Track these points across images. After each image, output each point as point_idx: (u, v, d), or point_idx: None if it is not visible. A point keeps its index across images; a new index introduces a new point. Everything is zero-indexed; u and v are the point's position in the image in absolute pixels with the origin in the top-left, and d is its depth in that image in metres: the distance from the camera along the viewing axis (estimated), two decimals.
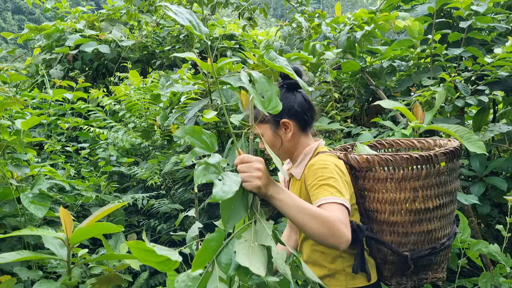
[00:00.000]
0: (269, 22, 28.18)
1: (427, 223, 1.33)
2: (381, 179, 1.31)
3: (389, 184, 1.30)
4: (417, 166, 1.28)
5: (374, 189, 1.33)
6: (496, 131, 2.43)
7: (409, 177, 1.29)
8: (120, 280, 1.55)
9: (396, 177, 1.29)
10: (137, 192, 2.94)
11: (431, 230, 1.35)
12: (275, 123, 1.35)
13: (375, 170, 1.31)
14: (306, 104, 1.38)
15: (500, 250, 1.86)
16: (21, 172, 2.10)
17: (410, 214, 1.31)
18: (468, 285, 2.14)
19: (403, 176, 1.28)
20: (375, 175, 1.31)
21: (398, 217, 1.32)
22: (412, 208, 1.31)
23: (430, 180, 1.30)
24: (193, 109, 2.65)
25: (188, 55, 2.59)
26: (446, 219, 1.38)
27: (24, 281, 1.77)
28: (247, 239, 0.92)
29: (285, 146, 1.38)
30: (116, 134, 2.99)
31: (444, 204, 1.35)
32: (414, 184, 1.29)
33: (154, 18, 4.77)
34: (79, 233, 1.39)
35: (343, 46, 2.74)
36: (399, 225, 1.33)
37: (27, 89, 4.34)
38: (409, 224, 1.32)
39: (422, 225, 1.33)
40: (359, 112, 3.12)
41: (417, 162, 1.27)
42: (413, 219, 1.32)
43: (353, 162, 1.34)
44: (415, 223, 1.32)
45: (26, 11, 50.96)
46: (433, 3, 2.67)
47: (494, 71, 2.40)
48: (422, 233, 1.34)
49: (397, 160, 1.27)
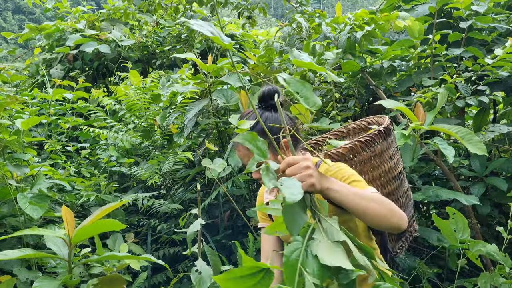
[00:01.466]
0: (269, 22, 28.16)
1: (404, 182, 1.56)
2: (366, 159, 1.45)
3: (374, 161, 1.46)
4: (385, 138, 1.48)
5: (362, 171, 1.45)
6: (497, 131, 2.43)
7: (385, 148, 1.48)
8: (122, 281, 1.55)
9: (377, 151, 1.46)
10: (137, 192, 2.94)
11: (406, 188, 1.59)
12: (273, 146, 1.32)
13: (359, 154, 1.43)
14: (293, 120, 1.41)
15: (498, 250, 1.86)
16: (20, 172, 2.10)
17: (394, 180, 1.50)
18: (467, 285, 2.14)
19: (381, 149, 1.47)
20: (360, 158, 1.44)
21: (388, 187, 1.49)
22: (394, 174, 1.50)
23: (393, 145, 1.54)
24: (193, 109, 2.65)
25: (188, 56, 2.59)
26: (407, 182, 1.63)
27: (23, 282, 1.77)
28: (321, 239, 0.89)
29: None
30: (116, 134, 2.99)
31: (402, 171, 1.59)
32: (389, 154, 1.50)
33: (154, 17, 4.77)
34: (82, 232, 1.38)
35: (343, 46, 2.73)
36: (391, 194, 1.48)
37: (27, 89, 4.34)
38: (396, 189, 1.51)
39: (403, 186, 1.54)
40: (359, 112, 3.11)
41: (384, 135, 1.47)
42: (398, 184, 1.51)
43: (337, 157, 1.41)
44: (400, 187, 1.52)
45: (27, 11, 50.99)
46: (434, 3, 2.67)
47: (495, 71, 2.40)
48: (404, 194, 1.55)
49: (373, 138, 1.44)
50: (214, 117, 2.79)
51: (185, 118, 2.68)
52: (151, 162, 2.87)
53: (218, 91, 2.76)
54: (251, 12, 4.06)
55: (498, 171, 2.66)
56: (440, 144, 1.94)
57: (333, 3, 55.61)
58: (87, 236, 1.46)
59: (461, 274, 2.63)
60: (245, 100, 2.53)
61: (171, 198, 3.02)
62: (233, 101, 2.70)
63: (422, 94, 2.40)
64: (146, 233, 2.95)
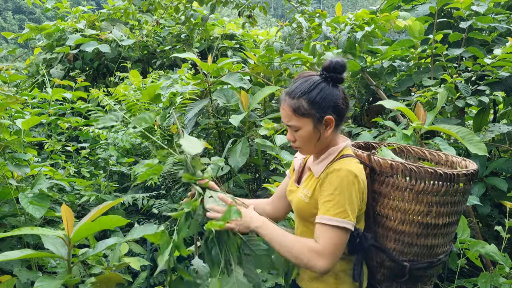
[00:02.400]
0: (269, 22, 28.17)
1: (433, 238, 1.34)
2: (400, 187, 1.31)
3: (407, 194, 1.30)
4: (439, 182, 1.28)
5: (390, 195, 1.33)
6: (497, 131, 2.43)
7: (428, 191, 1.29)
8: (120, 279, 1.55)
9: (416, 188, 1.29)
10: (137, 192, 2.94)
11: (434, 245, 1.36)
12: (319, 119, 1.29)
13: (396, 177, 1.30)
14: (346, 100, 1.34)
15: (497, 250, 1.86)
16: (21, 171, 2.10)
17: (420, 226, 1.32)
18: (467, 285, 2.14)
19: (423, 189, 1.28)
20: (395, 182, 1.31)
21: (407, 227, 1.33)
22: (423, 221, 1.31)
23: (447, 197, 1.30)
24: (193, 109, 2.64)
25: (187, 56, 2.59)
26: (449, 237, 1.40)
27: (23, 282, 1.77)
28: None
29: (321, 142, 1.33)
30: (116, 134, 2.98)
31: (452, 223, 1.36)
32: (431, 199, 1.29)
33: (154, 17, 4.77)
34: (82, 229, 1.37)
35: (343, 46, 2.74)
36: (406, 235, 1.34)
37: (27, 88, 4.34)
38: (415, 235, 1.33)
39: (428, 239, 1.34)
40: (359, 112, 3.12)
41: (440, 179, 1.27)
42: (421, 232, 1.33)
43: (375, 165, 1.33)
44: (421, 236, 1.33)
45: (27, 11, 50.98)
46: (434, 3, 2.67)
47: (495, 71, 2.40)
48: (426, 246, 1.35)
49: (421, 172, 1.27)
50: (214, 117, 2.79)
51: (185, 118, 2.67)
52: None
53: (219, 91, 2.76)
54: (251, 11, 4.06)
55: (498, 171, 2.66)
56: (440, 144, 1.95)
57: (333, 3, 55.61)
58: (87, 234, 1.45)
59: (461, 274, 2.62)
60: (245, 100, 2.53)
61: (171, 198, 3.02)
62: (233, 101, 2.69)
63: (422, 94, 2.40)
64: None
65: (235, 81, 2.63)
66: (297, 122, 1.31)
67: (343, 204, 1.21)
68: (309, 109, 1.28)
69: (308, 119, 1.29)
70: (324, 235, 1.22)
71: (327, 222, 1.22)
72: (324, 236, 1.22)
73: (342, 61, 1.30)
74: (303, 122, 1.30)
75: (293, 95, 1.30)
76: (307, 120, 1.29)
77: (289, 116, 1.32)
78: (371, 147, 1.68)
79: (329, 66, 1.29)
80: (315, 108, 1.28)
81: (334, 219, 1.21)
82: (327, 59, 1.31)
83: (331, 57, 1.31)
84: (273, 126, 2.23)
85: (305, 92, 1.29)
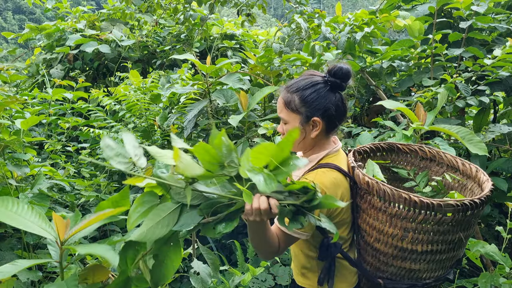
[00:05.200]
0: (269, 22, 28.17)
1: (411, 262, 1.25)
2: (375, 206, 1.24)
3: (381, 215, 1.24)
4: (414, 209, 1.17)
5: (368, 212, 1.28)
6: (497, 131, 2.42)
7: (403, 217, 1.19)
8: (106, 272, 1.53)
9: (389, 211, 1.21)
10: (137, 192, 2.94)
11: (415, 269, 1.26)
12: (307, 118, 1.29)
13: (372, 196, 1.24)
14: (342, 108, 1.31)
15: (498, 250, 1.86)
16: (21, 171, 2.10)
17: (395, 249, 1.24)
18: (468, 286, 2.14)
19: (396, 213, 1.20)
20: (371, 200, 1.25)
21: (381, 246, 1.27)
22: (397, 244, 1.23)
23: (426, 226, 1.18)
24: (192, 110, 2.64)
25: (186, 57, 2.59)
26: (437, 264, 1.27)
27: (24, 282, 1.77)
28: None
29: (305, 142, 1.33)
30: (116, 134, 2.99)
31: (439, 251, 1.23)
32: (406, 224, 1.20)
33: (154, 17, 4.77)
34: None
35: (343, 47, 2.73)
36: (381, 254, 1.28)
37: (27, 89, 4.34)
38: (391, 256, 1.26)
39: (405, 262, 1.25)
40: (359, 112, 3.11)
41: (415, 206, 1.16)
42: (396, 254, 1.25)
43: (356, 179, 1.29)
44: (397, 258, 1.26)
45: (27, 11, 51.00)
46: (434, 3, 2.67)
47: (495, 71, 2.40)
48: (404, 269, 1.27)
49: (394, 196, 1.18)
50: (213, 118, 2.79)
51: (185, 119, 2.68)
52: (151, 162, 2.87)
53: (218, 92, 2.76)
54: (250, 10, 4.06)
55: (499, 171, 2.66)
56: (440, 145, 1.94)
57: (333, 3, 55.61)
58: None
59: (461, 274, 2.62)
60: (245, 100, 2.53)
61: None
62: (232, 101, 2.69)
63: (422, 94, 2.39)
64: None
65: (234, 81, 2.63)
66: (286, 115, 1.32)
67: None
68: (299, 106, 1.28)
69: (296, 115, 1.30)
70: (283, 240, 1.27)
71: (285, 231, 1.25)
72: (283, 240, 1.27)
73: (347, 68, 1.28)
74: (291, 117, 1.31)
75: (289, 88, 1.32)
76: (296, 116, 1.30)
77: (280, 108, 1.34)
78: (396, 149, 1.57)
79: (331, 71, 1.29)
80: (305, 107, 1.28)
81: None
82: (333, 64, 1.30)
83: (340, 63, 1.30)
84: (272, 126, 2.23)
85: (300, 89, 1.30)
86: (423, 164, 1.56)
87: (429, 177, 1.54)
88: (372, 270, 1.34)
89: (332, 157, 1.34)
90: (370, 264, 1.34)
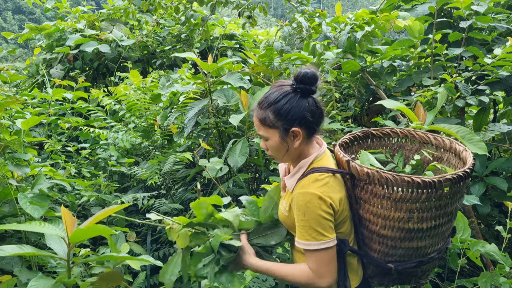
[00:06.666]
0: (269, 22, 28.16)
1: (418, 240, 1.30)
2: (378, 194, 1.27)
3: (385, 202, 1.26)
4: (417, 190, 1.21)
5: (370, 201, 1.30)
6: (497, 131, 2.43)
7: (407, 199, 1.23)
8: (121, 277, 1.54)
9: (394, 197, 1.24)
10: (137, 192, 2.94)
11: (421, 246, 1.32)
12: (285, 131, 1.28)
13: (374, 185, 1.26)
14: (318, 111, 1.30)
15: (498, 250, 1.86)
16: (21, 172, 2.10)
17: (402, 231, 1.28)
18: (468, 285, 2.14)
19: (401, 197, 1.23)
20: (373, 189, 1.27)
21: (389, 231, 1.30)
22: (404, 227, 1.27)
23: (430, 203, 1.24)
24: (193, 109, 2.64)
25: (188, 55, 2.59)
26: (439, 236, 1.34)
27: (24, 282, 1.77)
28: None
29: (289, 153, 1.33)
30: (116, 134, 2.99)
31: (440, 224, 1.30)
32: (411, 206, 1.24)
33: (154, 17, 4.77)
34: (78, 234, 1.37)
35: (343, 46, 2.74)
36: (389, 239, 1.31)
37: (27, 89, 4.34)
38: (399, 239, 1.30)
39: (413, 242, 1.30)
40: (359, 112, 3.11)
41: (419, 187, 1.20)
42: (404, 236, 1.29)
43: (354, 172, 1.30)
44: (405, 240, 1.30)
45: (27, 11, 50.98)
46: (434, 3, 2.67)
47: (495, 71, 2.40)
48: (411, 248, 1.32)
49: (397, 181, 1.21)
50: (214, 117, 2.79)
51: (185, 118, 2.68)
52: (151, 162, 2.87)
53: (219, 91, 2.76)
54: (251, 12, 4.06)
55: (498, 170, 2.66)
56: None
57: (333, 3, 55.58)
58: (83, 238, 1.44)
59: (461, 274, 2.63)
60: (245, 100, 2.53)
61: (171, 198, 3.02)
62: (233, 101, 2.70)
63: (422, 94, 2.40)
64: (146, 233, 2.95)
65: (235, 80, 2.63)
66: (265, 132, 1.32)
67: (315, 228, 1.24)
68: (275, 121, 1.28)
69: (274, 130, 1.30)
70: (311, 260, 1.28)
71: (307, 248, 1.27)
72: (311, 260, 1.28)
73: (312, 72, 1.27)
74: (270, 133, 1.31)
75: (261, 105, 1.31)
76: (274, 131, 1.30)
77: (258, 126, 1.34)
78: (370, 136, 1.64)
79: (297, 77, 1.28)
80: (280, 120, 1.28)
81: (312, 243, 1.25)
82: (298, 70, 1.30)
83: (304, 68, 1.28)
84: None
85: (272, 103, 1.28)
86: (397, 144, 1.64)
87: (404, 156, 1.61)
88: (381, 256, 1.36)
89: (322, 159, 1.35)
90: (377, 251, 1.36)
